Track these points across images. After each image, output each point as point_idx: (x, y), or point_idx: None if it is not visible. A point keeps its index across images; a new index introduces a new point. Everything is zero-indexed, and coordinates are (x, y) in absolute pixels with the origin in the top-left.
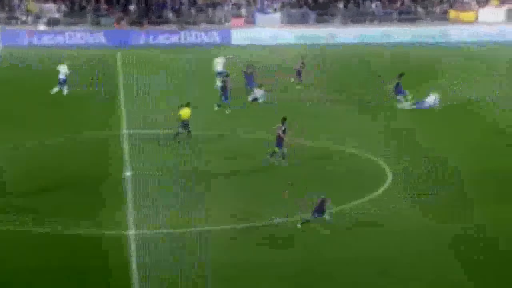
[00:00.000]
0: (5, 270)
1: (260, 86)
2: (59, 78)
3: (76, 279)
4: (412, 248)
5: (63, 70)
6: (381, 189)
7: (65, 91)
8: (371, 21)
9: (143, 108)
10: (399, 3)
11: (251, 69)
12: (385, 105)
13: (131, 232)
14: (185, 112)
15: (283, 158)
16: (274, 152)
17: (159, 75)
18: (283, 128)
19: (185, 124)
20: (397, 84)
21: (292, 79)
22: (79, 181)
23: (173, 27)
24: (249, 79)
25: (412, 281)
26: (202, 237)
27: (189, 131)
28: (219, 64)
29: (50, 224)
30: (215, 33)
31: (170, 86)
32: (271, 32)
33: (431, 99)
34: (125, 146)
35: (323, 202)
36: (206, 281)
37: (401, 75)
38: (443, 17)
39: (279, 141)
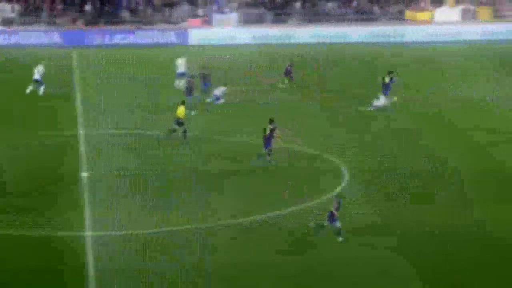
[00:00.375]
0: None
1: (225, 85)
2: (34, 79)
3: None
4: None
5: (39, 70)
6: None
7: (41, 91)
8: (328, 21)
9: (105, 108)
10: (355, 3)
11: (207, 71)
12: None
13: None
14: (179, 111)
15: (258, 158)
16: (270, 152)
17: (116, 75)
18: (271, 128)
19: (179, 122)
20: (391, 79)
21: (281, 84)
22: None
23: (130, 27)
24: (206, 81)
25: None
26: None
27: (184, 131)
28: (180, 65)
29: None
30: (171, 33)
31: (129, 86)
32: (228, 32)
33: (382, 101)
34: (84, 146)
35: (337, 206)
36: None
37: (390, 72)
38: (399, 17)
39: (267, 142)
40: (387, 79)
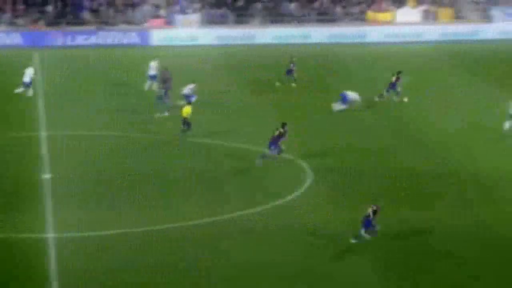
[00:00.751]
0: None
1: (193, 82)
2: (24, 81)
3: None
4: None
5: (29, 73)
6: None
7: (30, 92)
8: (290, 21)
9: (68, 109)
10: (317, 3)
11: (167, 74)
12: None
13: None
14: (185, 110)
15: (263, 157)
16: (280, 153)
17: (78, 75)
18: (280, 131)
19: (185, 121)
20: (397, 79)
21: (278, 83)
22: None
23: (91, 27)
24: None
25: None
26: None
27: (188, 129)
28: (152, 68)
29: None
30: (134, 34)
31: (92, 87)
32: (190, 32)
33: (351, 96)
34: (47, 148)
35: (375, 211)
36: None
37: (399, 72)
38: (361, 18)
39: (273, 143)
40: (393, 79)
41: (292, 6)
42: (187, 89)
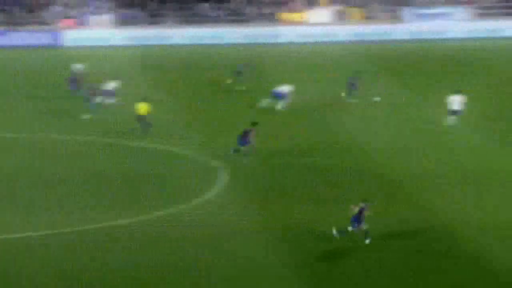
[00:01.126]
0: None
1: (116, 79)
2: None
3: None
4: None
5: None
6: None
7: None
8: (203, 22)
9: None
10: (230, 4)
11: (80, 74)
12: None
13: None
14: (140, 108)
15: (233, 151)
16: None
17: None
18: (248, 129)
19: (140, 119)
20: (357, 79)
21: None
22: None
23: (1, 28)
24: (73, 83)
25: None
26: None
27: (146, 127)
28: (74, 70)
29: None
30: (45, 35)
31: (7, 89)
32: (103, 33)
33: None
34: None
35: (362, 210)
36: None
37: (356, 72)
38: (273, 18)
39: (243, 139)
40: (350, 80)
41: (206, 6)
42: (107, 88)
